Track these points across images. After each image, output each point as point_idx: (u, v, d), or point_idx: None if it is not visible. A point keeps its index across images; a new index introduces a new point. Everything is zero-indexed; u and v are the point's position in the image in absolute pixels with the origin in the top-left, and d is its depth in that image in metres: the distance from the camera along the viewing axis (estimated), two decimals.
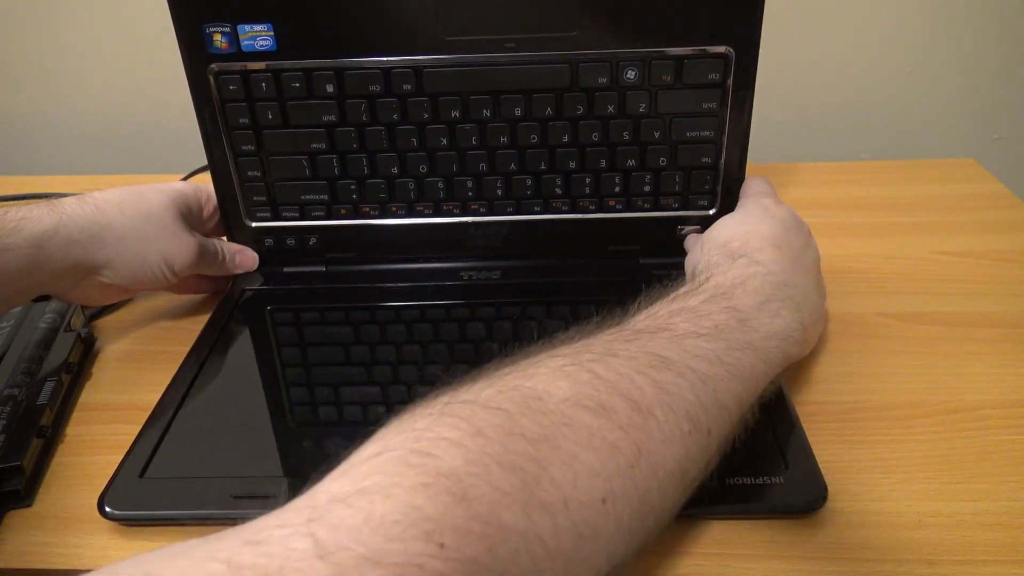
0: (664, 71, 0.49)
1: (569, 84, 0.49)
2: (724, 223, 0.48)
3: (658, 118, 0.50)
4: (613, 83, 0.49)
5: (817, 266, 0.47)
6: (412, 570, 0.22)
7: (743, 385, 0.35)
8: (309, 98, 0.50)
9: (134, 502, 0.38)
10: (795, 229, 0.47)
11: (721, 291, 0.39)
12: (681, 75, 0.49)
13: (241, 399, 0.45)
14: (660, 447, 0.30)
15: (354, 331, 0.50)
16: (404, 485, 0.24)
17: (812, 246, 0.48)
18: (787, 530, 0.36)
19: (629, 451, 0.28)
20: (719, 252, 0.44)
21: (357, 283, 0.54)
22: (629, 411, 0.29)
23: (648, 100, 0.50)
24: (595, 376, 0.30)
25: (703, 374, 0.33)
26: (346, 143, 0.51)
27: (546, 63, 0.49)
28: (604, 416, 0.29)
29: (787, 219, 0.47)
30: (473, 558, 0.23)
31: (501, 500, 0.25)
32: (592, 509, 0.27)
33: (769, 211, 0.48)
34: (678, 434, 0.30)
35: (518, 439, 0.26)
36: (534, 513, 0.25)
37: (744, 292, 0.39)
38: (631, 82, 0.49)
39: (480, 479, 0.25)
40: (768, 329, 0.38)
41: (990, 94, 0.81)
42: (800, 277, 0.43)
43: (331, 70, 0.49)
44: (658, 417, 0.30)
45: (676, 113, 0.50)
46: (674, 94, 0.50)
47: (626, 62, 0.49)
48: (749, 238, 0.44)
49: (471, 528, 0.23)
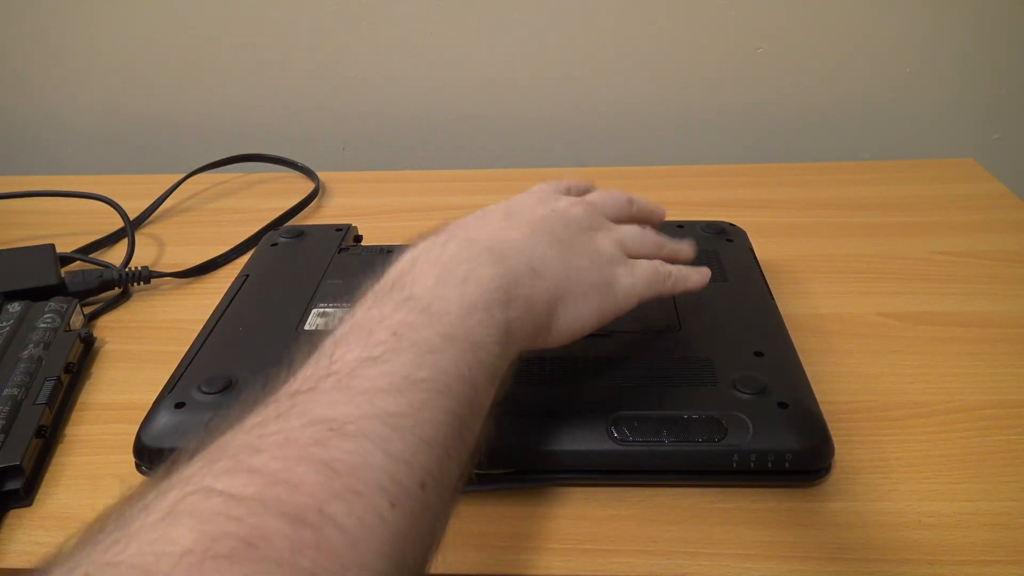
0: None
1: None
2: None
3: None
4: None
5: (575, 229, 0.38)
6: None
7: (456, 395, 0.27)
8: None
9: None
10: (526, 202, 0.39)
11: (392, 281, 0.31)
12: None
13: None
14: (350, 553, 0.22)
15: None
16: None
17: (565, 216, 0.39)
18: (787, 530, 0.36)
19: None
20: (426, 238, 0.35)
21: None
22: (290, 530, 0.21)
23: None
24: (229, 499, 0.21)
25: (391, 416, 0.25)
26: None
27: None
28: (250, 558, 0.20)
29: (522, 196, 0.40)
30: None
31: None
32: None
33: (513, 198, 0.41)
34: (375, 521, 0.22)
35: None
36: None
37: (419, 271, 0.31)
38: None
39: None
40: (461, 303, 0.30)
41: (990, 94, 0.81)
42: (511, 232, 0.35)
43: None
44: (337, 515, 0.22)
45: None
46: None
47: None
48: (457, 221, 0.37)
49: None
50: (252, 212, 0.69)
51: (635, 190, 0.71)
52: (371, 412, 0.25)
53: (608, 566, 0.35)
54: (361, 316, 0.29)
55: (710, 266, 0.51)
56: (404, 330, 0.28)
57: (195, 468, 0.23)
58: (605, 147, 0.86)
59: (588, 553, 0.36)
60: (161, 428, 0.39)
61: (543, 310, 0.34)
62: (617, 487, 0.39)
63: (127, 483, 0.40)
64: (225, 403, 0.40)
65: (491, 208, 0.39)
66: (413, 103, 0.85)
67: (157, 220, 0.70)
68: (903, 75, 0.80)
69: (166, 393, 0.41)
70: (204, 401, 0.40)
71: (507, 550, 0.36)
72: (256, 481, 0.22)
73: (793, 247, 0.60)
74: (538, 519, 0.37)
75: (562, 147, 0.86)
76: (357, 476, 0.23)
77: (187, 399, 0.41)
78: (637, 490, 0.39)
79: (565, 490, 0.38)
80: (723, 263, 0.51)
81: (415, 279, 0.31)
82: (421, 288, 0.30)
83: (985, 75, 0.80)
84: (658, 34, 0.79)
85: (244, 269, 0.54)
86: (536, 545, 0.36)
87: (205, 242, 0.64)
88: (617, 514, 0.38)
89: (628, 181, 0.73)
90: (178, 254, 0.64)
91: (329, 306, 0.49)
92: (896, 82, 0.80)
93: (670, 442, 0.38)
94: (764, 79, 0.81)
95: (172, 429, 0.39)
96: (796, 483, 0.38)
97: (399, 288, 0.30)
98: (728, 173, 0.74)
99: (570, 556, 0.36)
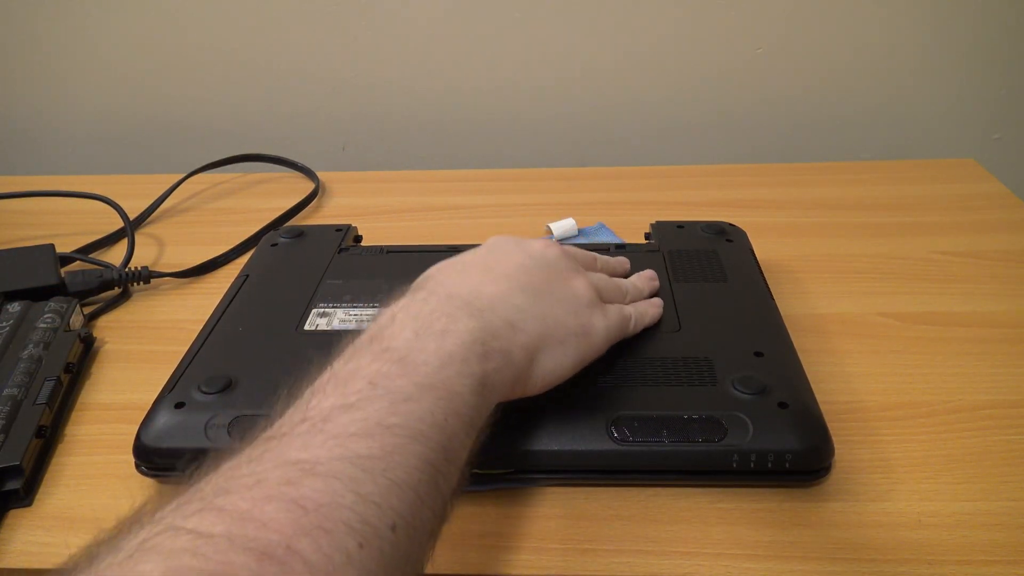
0: None
1: None
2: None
3: None
4: None
5: (551, 272, 0.39)
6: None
7: (430, 442, 0.27)
8: None
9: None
10: (503, 248, 0.40)
11: (370, 337, 0.31)
12: None
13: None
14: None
15: None
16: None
17: (542, 260, 0.39)
18: (787, 530, 0.36)
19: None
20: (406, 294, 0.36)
21: None
22: (256, 566, 0.21)
23: None
24: (196, 537, 0.22)
25: (362, 459, 0.25)
26: None
27: None
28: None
29: (498, 241, 0.41)
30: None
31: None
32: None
33: (490, 243, 0.41)
34: (342, 559, 0.23)
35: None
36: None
37: (398, 325, 0.32)
38: None
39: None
40: (439, 355, 0.30)
41: (990, 94, 0.81)
42: (488, 286, 0.36)
43: None
44: (305, 551, 0.22)
45: None
46: None
47: None
48: (429, 274, 0.38)
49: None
50: (252, 212, 0.69)
51: (635, 190, 0.71)
52: (342, 455, 0.25)
53: (608, 566, 0.35)
54: (339, 368, 0.30)
55: (710, 266, 0.51)
56: (380, 379, 0.28)
57: (167, 510, 0.23)
58: (605, 147, 0.86)
59: (588, 553, 0.36)
60: (161, 428, 0.39)
61: (521, 361, 0.34)
62: (617, 487, 0.39)
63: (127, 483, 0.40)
64: (225, 403, 0.40)
65: (469, 258, 0.39)
66: (413, 103, 0.85)
67: (157, 220, 0.70)
68: (903, 75, 0.80)
69: (166, 393, 0.41)
70: (204, 401, 0.40)
71: (507, 550, 0.36)
72: (225, 519, 0.22)
73: (793, 247, 0.60)
74: (538, 519, 0.37)
75: (562, 147, 0.86)
76: (325, 514, 0.23)
77: (187, 399, 0.41)
78: (637, 490, 0.39)
79: (565, 490, 0.38)
80: (723, 263, 0.51)
81: (393, 333, 0.31)
82: (399, 340, 0.31)
83: (985, 75, 0.80)
84: (658, 34, 0.79)
85: (244, 269, 0.54)
86: (536, 545, 0.36)
87: (205, 242, 0.64)
88: (617, 514, 0.38)
89: (628, 181, 0.73)
90: (178, 254, 0.64)
91: (329, 306, 0.49)
92: (896, 82, 0.80)
93: (670, 442, 0.38)
94: (764, 79, 0.81)
95: (172, 429, 0.39)
96: (796, 483, 0.38)
97: (378, 341, 0.31)
98: (728, 173, 0.74)
99: (570, 556, 0.36)
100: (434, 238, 0.63)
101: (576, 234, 0.63)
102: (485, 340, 0.32)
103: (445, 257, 0.45)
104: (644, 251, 0.54)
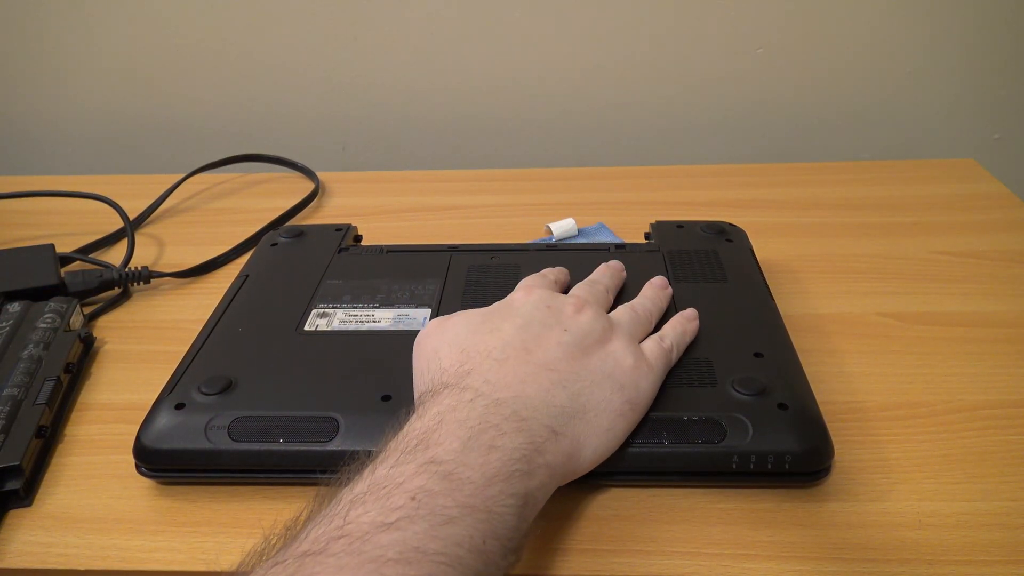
0: None
1: None
2: (453, 326, 0.39)
3: None
4: None
5: (590, 344, 0.38)
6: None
7: (467, 568, 0.27)
8: None
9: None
10: (539, 321, 0.38)
11: (416, 440, 0.31)
12: None
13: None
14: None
15: None
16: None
17: (579, 333, 0.38)
18: (787, 530, 0.36)
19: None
20: (432, 374, 0.36)
21: None
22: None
23: None
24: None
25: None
26: None
27: None
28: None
29: (531, 311, 0.39)
30: None
31: None
32: None
33: (512, 306, 0.40)
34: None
35: None
36: None
37: (445, 432, 0.31)
38: None
39: None
40: (484, 472, 0.30)
41: (990, 94, 0.81)
42: (530, 385, 0.35)
43: None
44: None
45: None
46: None
47: None
48: (469, 355, 0.36)
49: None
50: (252, 212, 0.69)
51: (635, 190, 0.71)
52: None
53: (608, 566, 0.35)
54: (382, 475, 0.29)
55: (710, 266, 0.51)
56: (423, 496, 0.28)
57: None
58: (605, 147, 0.86)
59: (588, 553, 0.36)
60: (161, 429, 0.39)
61: (564, 466, 0.34)
62: (617, 487, 0.39)
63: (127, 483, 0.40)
64: (225, 404, 0.40)
65: (508, 335, 0.37)
66: (413, 103, 0.85)
67: (157, 220, 0.70)
68: (903, 75, 0.80)
69: (166, 394, 0.41)
70: (204, 402, 0.40)
71: None
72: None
73: (793, 247, 0.60)
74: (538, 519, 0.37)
75: (562, 147, 0.86)
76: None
77: (187, 400, 0.41)
78: (637, 490, 0.39)
79: (564, 490, 0.38)
80: (723, 263, 0.51)
81: (439, 440, 0.30)
82: (445, 451, 0.30)
83: (985, 75, 0.80)
84: (658, 35, 0.79)
85: (244, 269, 0.54)
86: (535, 545, 0.36)
87: (205, 242, 0.64)
88: (617, 514, 0.38)
89: (628, 181, 0.73)
90: (178, 254, 0.64)
91: (329, 306, 0.49)
92: (896, 82, 0.80)
93: (670, 443, 0.38)
94: (764, 79, 0.81)
95: (172, 430, 0.39)
96: (796, 484, 0.38)
97: (423, 448, 0.30)
98: (728, 173, 0.74)
99: (570, 556, 0.36)
100: (434, 238, 0.63)
101: (576, 234, 0.63)
102: (531, 457, 0.32)
103: (445, 256, 0.45)
104: (644, 251, 0.54)
